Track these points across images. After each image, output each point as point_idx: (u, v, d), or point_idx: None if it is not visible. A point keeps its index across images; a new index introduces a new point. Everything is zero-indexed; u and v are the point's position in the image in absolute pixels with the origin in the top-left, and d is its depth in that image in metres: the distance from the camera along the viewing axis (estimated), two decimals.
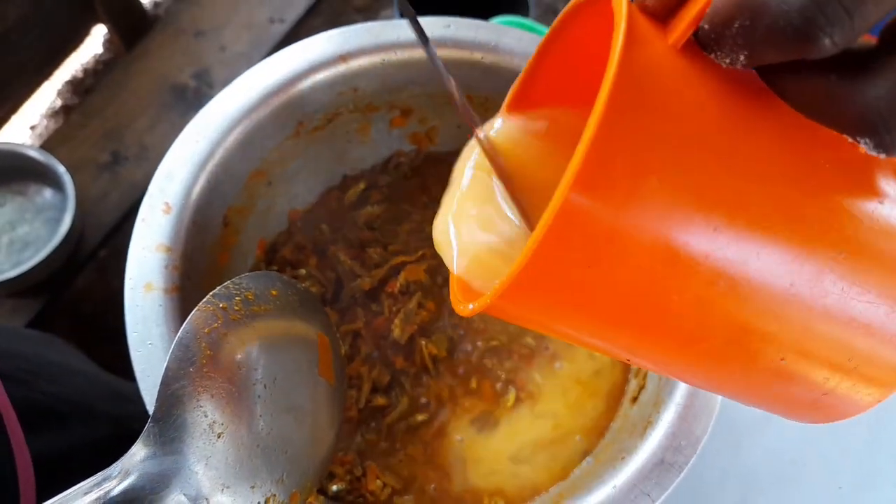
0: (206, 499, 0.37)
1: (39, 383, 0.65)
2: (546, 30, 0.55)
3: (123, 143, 1.30)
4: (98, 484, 0.34)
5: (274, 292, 0.45)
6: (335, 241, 0.58)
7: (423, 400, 0.53)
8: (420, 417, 0.53)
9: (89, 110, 1.32)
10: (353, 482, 0.51)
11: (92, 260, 1.28)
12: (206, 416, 0.38)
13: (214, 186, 0.49)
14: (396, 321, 0.54)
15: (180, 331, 0.39)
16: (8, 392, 0.57)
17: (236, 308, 0.42)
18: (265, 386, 0.41)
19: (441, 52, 0.53)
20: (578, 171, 0.21)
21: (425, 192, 0.60)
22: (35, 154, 1.21)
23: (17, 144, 1.23)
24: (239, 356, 0.40)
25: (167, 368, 0.38)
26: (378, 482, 0.50)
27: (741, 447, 0.62)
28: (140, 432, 0.51)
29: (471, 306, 0.27)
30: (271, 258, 0.57)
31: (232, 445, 0.39)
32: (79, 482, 0.38)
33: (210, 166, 0.49)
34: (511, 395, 0.53)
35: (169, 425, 0.37)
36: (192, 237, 0.47)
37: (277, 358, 0.43)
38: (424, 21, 0.53)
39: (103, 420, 0.69)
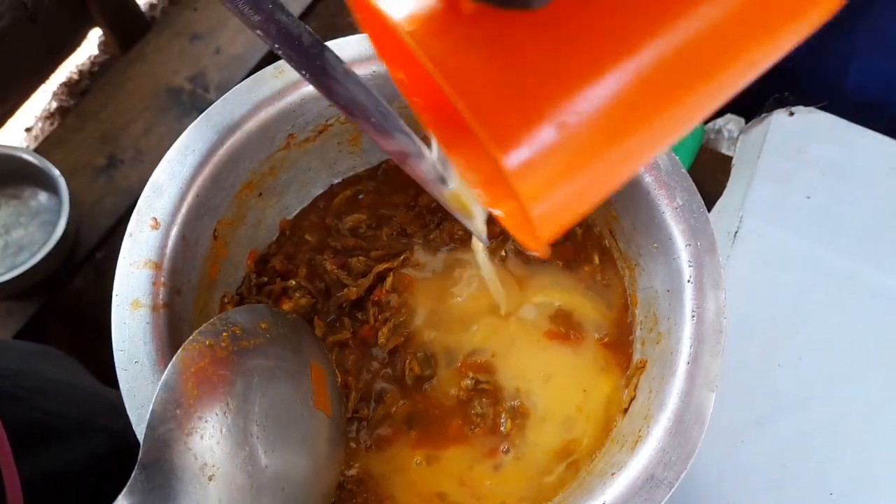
0: None
1: (38, 400, 0.65)
2: None
3: (119, 147, 1.30)
4: None
5: (264, 325, 0.44)
6: (321, 249, 0.58)
7: (393, 413, 0.53)
8: (385, 432, 0.52)
9: (85, 113, 1.32)
10: (346, 495, 0.51)
11: (88, 263, 1.28)
12: (195, 459, 0.37)
13: (204, 200, 0.49)
14: (384, 330, 0.54)
15: (165, 372, 0.37)
16: (4, 410, 0.57)
17: (223, 345, 0.41)
18: (258, 423, 0.40)
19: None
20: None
21: (407, 197, 0.60)
22: (30, 157, 1.21)
23: (12, 147, 1.23)
24: (229, 394, 0.39)
25: (152, 412, 0.36)
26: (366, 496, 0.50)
27: (733, 452, 0.62)
28: (139, 445, 0.50)
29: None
30: (262, 269, 0.57)
31: (225, 487, 0.37)
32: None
33: (199, 180, 0.49)
34: (476, 430, 0.52)
35: (157, 471, 0.35)
36: (180, 252, 0.47)
37: (270, 393, 0.42)
38: None
39: (102, 434, 0.69)
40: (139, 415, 0.41)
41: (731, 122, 1.71)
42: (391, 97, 0.55)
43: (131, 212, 0.47)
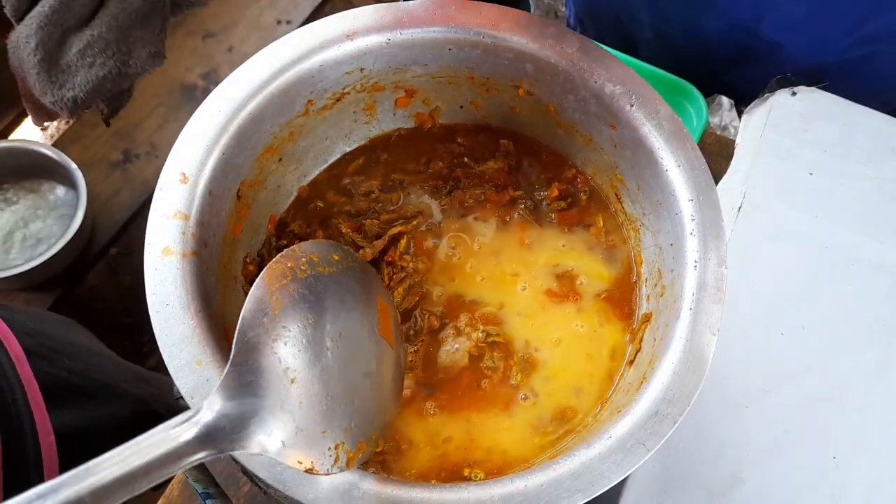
0: (282, 441, 0.39)
1: (63, 361, 0.68)
2: None
3: (134, 142, 1.33)
4: (183, 422, 0.37)
5: (336, 257, 0.48)
6: (337, 214, 0.60)
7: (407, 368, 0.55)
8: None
9: None
10: None
11: (103, 256, 1.30)
12: (280, 362, 0.41)
13: (228, 159, 0.52)
14: (399, 290, 0.56)
15: (253, 286, 0.42)
16: (33, 367, 0.59)
17: (303, 268, 0.45)
18: (332, 339, 0.44)
19: (442, 33, 0.55)
20: None
21: (419, 164, 0.63)
22: (48, 152, 1.23)
23: (31, 142, 1.26)
24: (309, 310, 0.43)
25: (243, 318, 0.40)
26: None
27: (737, 417, 0.63)
28: (161, 413, 0.51)
29: None
30: (281, 233, 0.59)
31: (304, 391, 0.41)
32: (101, 453, 0.40)
33: (225, 139, 0.51)
34: (486, 383, 0.54)
35: (246, 369, 0.39)
36: (207, 206, 0.50)
37: (342, 316, 0.46)
38: (426, 2, 0.56)
39: (126, 399, 0.71)
40: (171, 352, 0.44)
41: (737, 120, 1.73)
42: (405, 64, 0.58)
43: (147, 206, 0.50)
